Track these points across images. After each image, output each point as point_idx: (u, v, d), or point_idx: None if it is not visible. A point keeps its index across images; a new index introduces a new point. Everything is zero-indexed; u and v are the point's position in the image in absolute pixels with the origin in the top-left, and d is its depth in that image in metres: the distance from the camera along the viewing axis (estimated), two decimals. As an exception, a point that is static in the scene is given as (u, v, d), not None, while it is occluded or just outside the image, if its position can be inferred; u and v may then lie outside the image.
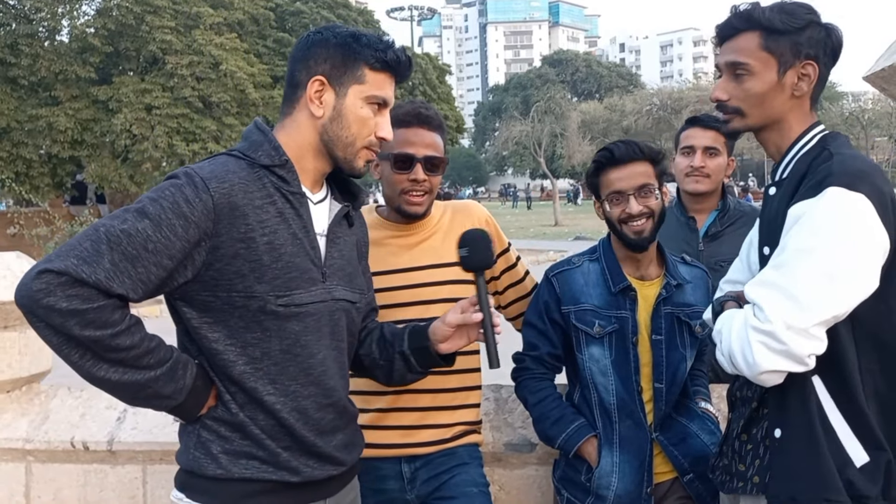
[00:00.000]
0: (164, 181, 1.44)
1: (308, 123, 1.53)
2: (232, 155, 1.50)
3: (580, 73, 65.26)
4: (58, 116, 16.25)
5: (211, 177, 1.40)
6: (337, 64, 1.51)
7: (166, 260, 1.36)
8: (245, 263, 1.42)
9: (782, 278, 1.43)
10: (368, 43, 1.52)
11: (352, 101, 1.52)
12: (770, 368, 1.41)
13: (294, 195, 1.50)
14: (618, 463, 1.99)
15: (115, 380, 1.37)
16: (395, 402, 2.04)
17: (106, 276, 1.30)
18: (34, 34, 17.08)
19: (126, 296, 1.34)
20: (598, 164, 2.04)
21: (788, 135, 1.61)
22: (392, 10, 42.29)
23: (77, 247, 1.31)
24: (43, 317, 1.30)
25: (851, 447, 1.47)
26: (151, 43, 16.74)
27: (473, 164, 63.38)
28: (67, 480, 2.50)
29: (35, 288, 1.28)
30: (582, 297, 2.05)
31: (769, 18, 1.57)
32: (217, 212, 1.39)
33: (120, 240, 1.32)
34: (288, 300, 1.46)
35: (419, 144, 2.01)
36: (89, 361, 1.35)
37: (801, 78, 1.58)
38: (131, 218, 1.35)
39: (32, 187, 16.72)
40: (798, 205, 1.48)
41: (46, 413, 2.56)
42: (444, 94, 23.34)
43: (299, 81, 1.53)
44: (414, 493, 2.05)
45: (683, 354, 2.05)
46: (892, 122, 35.93)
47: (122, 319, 1.34)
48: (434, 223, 2.12)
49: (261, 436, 1.47)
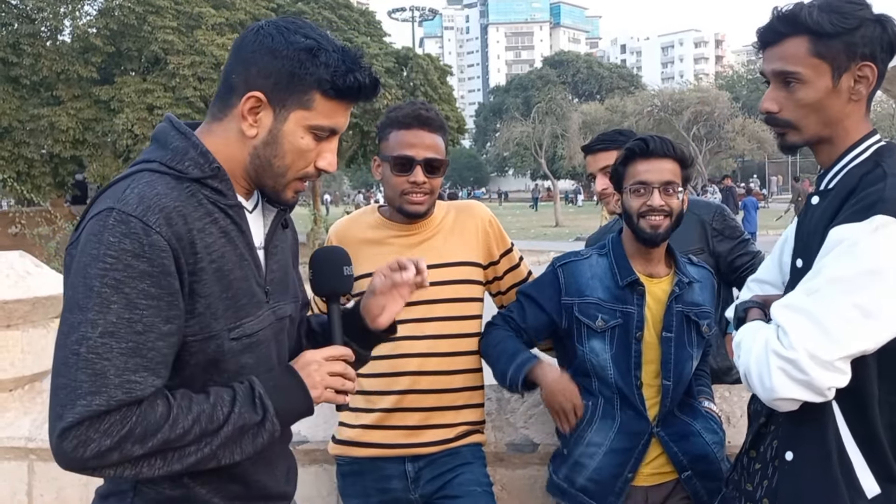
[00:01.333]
0: (89, 234, 1.18)
1: (237, 139, 1.30)
2: (152, 169, 1.25)
3: (581, 74, 65.23)
4: (59, 116, 16.28)
5: (145, 210, 1.17)
6: (282, 82, 1.26)
7: (165, 325, 1.18)
8: (199, 300, 1.23)
9: (813, 305, 1.34)
10: (326, 62, 1.26)
11: (291, 129, 1.28)
12: (787, 396, 1.35)
13: (232, 208, 1.29)
14: (611, 438, 1.99)
15: (214, 449, 1.22)
16: (400, 402, 2.04)
17: (122, 389, 1.14)
18: (36, 34, 17.10)
19: (154, 388, 1.18)
20: (630, 153, 2.03)
21: (843, 142, 1.48)
22: (393, 11, 42.29)
23: (72, 386, 1.13)
24: (101, 465, 1.16)
25: (864, 478, 1.41)
26: (153, 43, 16.76)
27: (474, 164, 63.40)
28: (70, 479, 2.50)
29: (69, 450, 1.14)
30: (587, 289, 2.05)
31: (817, 21, 1.42)
32: (171, 246, 1.19)
33: (107, 346, 1.13)
34: (240, 332, 1.29)
35: (419, 146, 2.01)
36: (179, 461, 1.20)
37: (858, 81, 1.44)
38: (95, 315, 1.14)
39: (34, 187, 16.73)
40: (841, 227, 1.37)
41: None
42: (446, 94, 23.33)
43: (234, 86, 1.29)
44: (418, 492, 2.06)
45: (691, 353, 2.06)
46: (893, 124, 35.94)
47: (167, 408, 1.19)
48: (437, 223, 2.13)
49: (208, 496, 1.31)
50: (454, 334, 2.08)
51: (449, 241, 2.12)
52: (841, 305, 1.32)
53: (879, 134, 1.53)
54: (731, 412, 2.36)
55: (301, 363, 1.34)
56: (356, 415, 2.07)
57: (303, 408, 1.32)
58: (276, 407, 1.27)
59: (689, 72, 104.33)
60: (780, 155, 39.35)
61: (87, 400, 1.13)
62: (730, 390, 2.42)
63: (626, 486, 1.98)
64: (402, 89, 21.15)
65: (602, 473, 1.98)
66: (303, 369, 1.33)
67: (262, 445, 1.28)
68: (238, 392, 1.26)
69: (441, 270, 2.05)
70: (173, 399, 1.21)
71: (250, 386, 1.27)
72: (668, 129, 33.05)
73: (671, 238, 2.04)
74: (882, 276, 1.31)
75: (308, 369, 1.33)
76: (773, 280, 1.75)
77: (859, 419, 1.41)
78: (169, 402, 1.20)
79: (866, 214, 1.35)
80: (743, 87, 53.67)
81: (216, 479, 1.30)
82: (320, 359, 1.35)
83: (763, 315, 1.53)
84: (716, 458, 2.04)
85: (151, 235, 1.17)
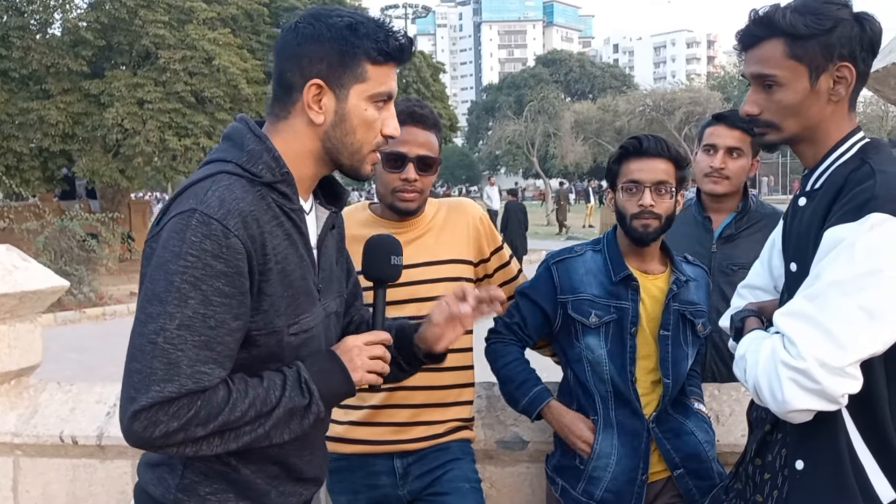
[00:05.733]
0: (171, 231, 1.26)
1: (307, 131, 1.37)
2: (229, 171, 1.32)
3: (574, 73, 65.23)
4: (49, 110, 16.13)
5: (226, 214, 1.26)
6: (334, 63, 1.34)
7: (234, 322, 1.27)
8: (265, 298, 1.32)
9: (817, 312, 1.31)
10: (367, 33, 1.35)
11: (355, 104, 1.36)
12: (801, 407, 1.31)
13: (295, 212, 1.38)
14: (616, 446, 2.00)
15: (267, 429, 1.31)
16: (389, 399, 2.04)
17: (192, 379, 1.23)
18: (26, 27, 16.94)
19: (219, 379, 1.27)
20: (624, 152, 2.04)
21: (826, 142, 1.47)
22: (386, 8, 42.29)
23: (147, 372, 1.22)
24: (166, 444, 1.25)
25: (879, 484, 1.37)
26: (144, 37, 16.64)
27: (467, 163, 63.34)
28: (56, 475, 2.49)
29: (139, 430, 1.23)
30: (581, 286, 2.05)
31: (792, 23, 1.41)
32: (246, 248, 1.27)
33: (182, 338, 1.23)
34: (297, 327, 1.38)
35: (412, 143, 2.01)
36: (235, 440, 1.30)
37: (837, 81, 1.43)
38: (173, 308, 1.23)
39: (23, 181, 16.59)
40: (836, 228, 1.34)
41: (35, 407, 2.54)
42: (439, 92, 23.28)
43: (293, 84, 1.36)
44: (406, 488, 2.05)
45: (686, 352, 2.07)
46: (883, 126, 36.16)
47: (227, 393, 1.28)
48: (428, 220, 2.12)
49: (251, 476, 1.40)
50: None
51: (440, 238, 2.11)
52: (845, 309, 1.29)
53: (869, 135, 1.52)
54: (721, 410, 2.36)
55: (343, 348, 1.43)
56: (345, 411, 2.06)
57: (344, 390, 1.41)
58: (321, 390, 1.36)
59: (681, 72, 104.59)
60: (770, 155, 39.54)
61: (161, 386, 1.22)
62: (719, 388, 2.43)
63: (643, 488, 2.00)
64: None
65: (618, 482, 1.99)
66: (344, 354, 1.42)
67: (308, 426, 1.37)
68: (288, 377, 1.35)
69: (432, 268, 2.05)
70: (232, 384, 1.29)
71: (297, 371, 1.36)
72: (659, 128, 33.10)
73: (754, 248, 2.05)
74: (882, 275, 1.29)
75: (350, 354, 1.42)
76: (764, 285, 1.73)
77: (870, 424, 1.38)
78: (229, 387, 1.29)
79: (860, 214, 1.32)
80: (734, 88, 53.82)
81: (260, 460, 1.40)
82: (361, 344, 1.44)
83: (760, 323, 1.51)
84: (707, 458, 2.05)
85: (230, 238, 1.25)
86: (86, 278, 11.95)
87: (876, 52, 1.46)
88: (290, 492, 1.47)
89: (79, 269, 11.87)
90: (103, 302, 12.06)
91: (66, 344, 9.06)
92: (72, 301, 11.34)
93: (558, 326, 2.09)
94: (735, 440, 2.23)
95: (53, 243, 12.06)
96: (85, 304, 11.63)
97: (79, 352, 8.90)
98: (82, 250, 12.29)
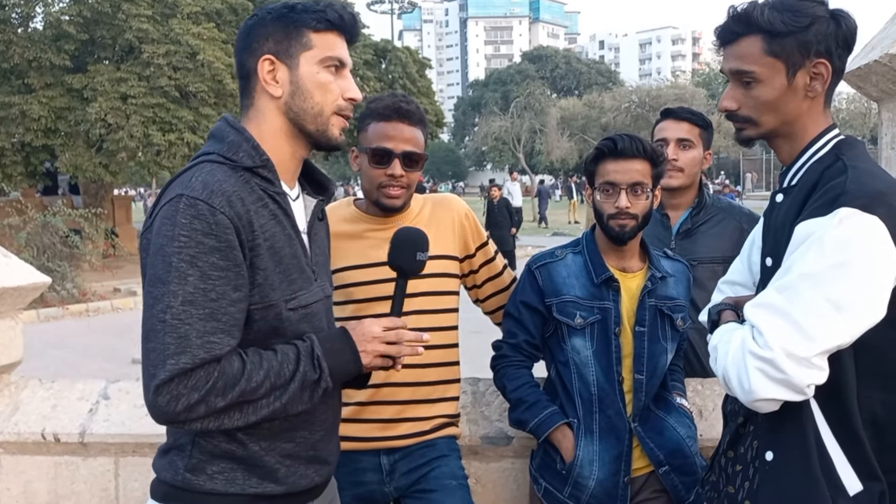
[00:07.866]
0: (163, 218, 1.35)
1: (271, 107, 1.47)
2: (211, 161, 1.42)
3: (560, 69, 65.35)
4: (31, 104, 15.95)
5: (210, 194, 1.34)
6: (280, 38, 1.45)
7: (234, 293, 1.35)
8: (258, 272, 1.40)
9: (786, 303, 1.34)
10: (305, 8, 1.46)
11: (306, 69, 1.45)
12: (767, 397, 1.34)
13: (279, 195, 1.46)
14: (598, 452, 2.01)
15: (284, 403, 1.39)
16: (375, 395, 2.03)
17: (204, 349, 1.31)
18: (7, 20, 16.73)
19: (230, 347, 1.35)
20: (600, 153, 2.04)
21: (802, 138, 1.50)
22: (372, 3, 42.07)
23: (161, 348, 1.31)
24: (190, 418, 1.33)
25: (846, 475, 1.40)
26: (128, 31, 16.47)
27: (453, 158, 63.32)
28: (37, 473, 2.47)
29: (163, 405, 1.31)
30: (564, 288, 2.06)
31: (769, 20, 1.43)
32: (234, 223, 1.35)
33: (188, 313, 1.31)
34: (295, 303, 1.45)
35: (398, 139, 2.00)
36: (254, 412, 1.37)
37: (813, 78, 1.45)
38: (175, 286, 1.31)
39: (5, 176, 16.42)
40: (807, 223, 1.38)
41: (16, 404, 2.52)
42: (425, 88, 23.23)
43: (249, 69, 1.47)
44: (392, 485, 2.05)
45: (665, 347, 2.08)
46: (865, 123, 36.46)
47: (242, 364, 1.36)
48: (413, 216, 2.12)
49: (260, 453, 1.44)
50: (430, 328, 2.06)
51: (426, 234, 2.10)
52: (813, 301, 1.32)
53: (852, 132, 1.54)
54: (704, 405, 2.38)
55: (358, 330, 1.49)
56: (330, 408, 2.06)
57: (353, 370, 1.48)
58: (331, 368, 1.43)
59: (666, 69, 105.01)
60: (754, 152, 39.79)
61: (175, 359, 1.30)
62: (702, 383, 2.44)
63: (626, 488, 2.01)
64: (381, 82, 21.03)
65: (604, 485, 2.00)
66: (359, 337, 1.48)
67: (317, 399, 1.44)
68: (301, 350, 1.42)
69: (418, 263, 2.04)
70: (246, 356, 1.37)
71: (311, 347, 1.43)
72: (645, 125, 33.22)
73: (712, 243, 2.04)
74: (850, 268, 1.32)
75: (364, 337, 1.48)
76: (743, 281, 1.75)
77: (838, 416, 1.41)
78: (243, 358, 1.36)
79: (830, 208, 1.35)
80: (719, 85, 54.11)
81: (270, 437, 1.45)
82: (377, 330, 1.50)
83: (736, 316, 1.53)
84: (690, 453, 2.06)
85: (217, 215, 1.33)
86: (69, 274, 11.84)
87: (851, 48, 1.48)
88: (301, 473, 1.50)
89: (62, 266, 11.76)
90: (86, 298, 11.96)
91: (49, 341, 8.99)
92: (54, 297, 11.25)
93: (550, 329, 2.09)
94: (718, 435, 2.23)
95: (36, 239, 11.94)
96: (68, 301, 11.53)
97: (61, 348, 8.84)
98: (65, 246, 12.18)
